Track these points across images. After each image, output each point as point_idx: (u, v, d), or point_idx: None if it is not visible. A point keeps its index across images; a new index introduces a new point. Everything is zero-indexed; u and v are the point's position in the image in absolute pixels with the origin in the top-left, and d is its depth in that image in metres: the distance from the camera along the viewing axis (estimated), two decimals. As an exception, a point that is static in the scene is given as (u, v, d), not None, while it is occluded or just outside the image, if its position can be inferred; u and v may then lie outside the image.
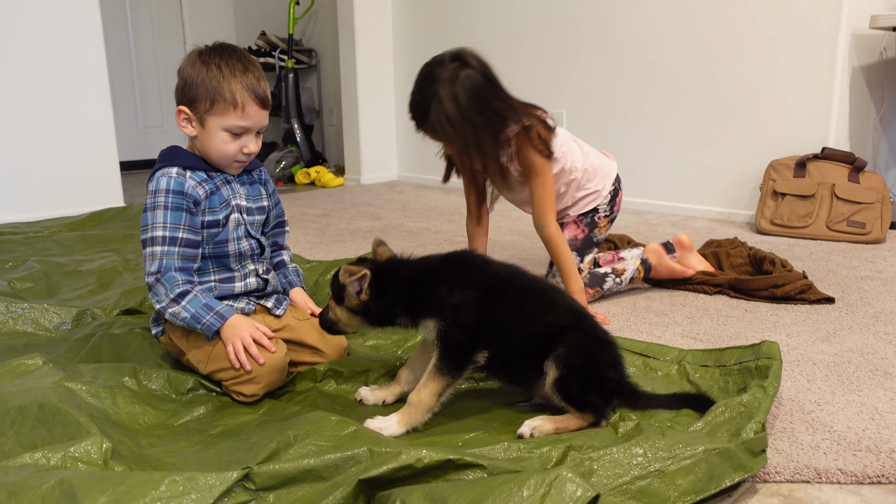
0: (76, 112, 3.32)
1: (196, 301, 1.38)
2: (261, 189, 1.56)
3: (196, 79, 1.39)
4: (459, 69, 1.75)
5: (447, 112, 1.74)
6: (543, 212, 1.90)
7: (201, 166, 1.44)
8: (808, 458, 1.18)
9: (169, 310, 1.38)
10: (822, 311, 1.96)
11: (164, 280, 1.37)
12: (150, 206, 1.40)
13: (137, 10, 5.32)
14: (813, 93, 2.98)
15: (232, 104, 1.38)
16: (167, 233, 1.38)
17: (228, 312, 1.39)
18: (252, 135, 1.44)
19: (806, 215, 2.87)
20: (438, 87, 1.74)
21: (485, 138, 1.80)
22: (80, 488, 0.92)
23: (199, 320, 1.37)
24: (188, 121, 1.42)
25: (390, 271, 1.32)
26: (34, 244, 2.70)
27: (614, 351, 1.29)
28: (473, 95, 1.75)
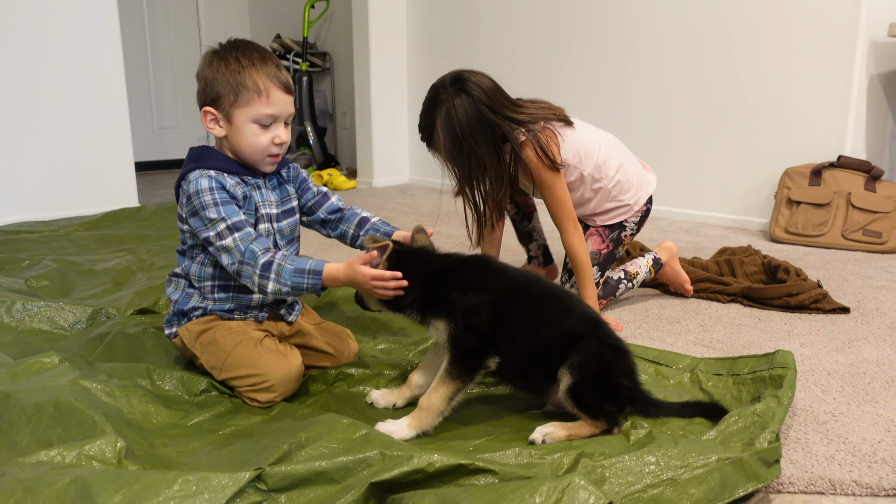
0: (93, 113, 3.35)
1: (286, 271, 1.30)
2: (289, 189, 1.52)
3: (216, 76, 1.36)
4: (456, 95, 1.76)
5: (444, 141, 1.79)
6: (559, 222, 1.89)
7: (234, 169, 1.41)
8: (822, 470, 1.17)
9: (268, 289, 1.31)
10: (837, 320, 1.94)
11: (246, 260, 1.31)
12: (201, 206, 1.34)
13: (154, 12, 5.37)
14: (829, 100, 2.96)
15: (256, 93, 1.35)
16: (231, 221, 1.33)
17: (319, 265, 1.31)
18: (281, 123, 1.40)
19: (821, 224, 2.85)
20: (436, 116, 1.79)
21: (486, 163, 1.81)
22: (95, 486, 0.93)
23: (301, 288, 1.31)
24: (215, 121, 1.39)
25: (411, 260, 1.31)
26: (50, 243, 2.72)
27: (628, 359, 1.29)
28: (469, 123, 1.77)
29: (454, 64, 2.05)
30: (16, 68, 3.11)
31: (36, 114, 3.19)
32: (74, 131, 3.30)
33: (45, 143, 3.22)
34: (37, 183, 3.22)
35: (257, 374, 1.36)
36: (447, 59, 4.37)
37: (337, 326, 1.60)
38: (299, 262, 1.32)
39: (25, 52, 3.13)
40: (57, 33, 3.20)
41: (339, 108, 5.29)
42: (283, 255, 1.33)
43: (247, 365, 1.37)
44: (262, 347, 1.39)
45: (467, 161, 1.81)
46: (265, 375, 1.36)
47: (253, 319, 1.47)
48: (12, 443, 1.15)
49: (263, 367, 1.36)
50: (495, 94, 1.81)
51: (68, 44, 3.24)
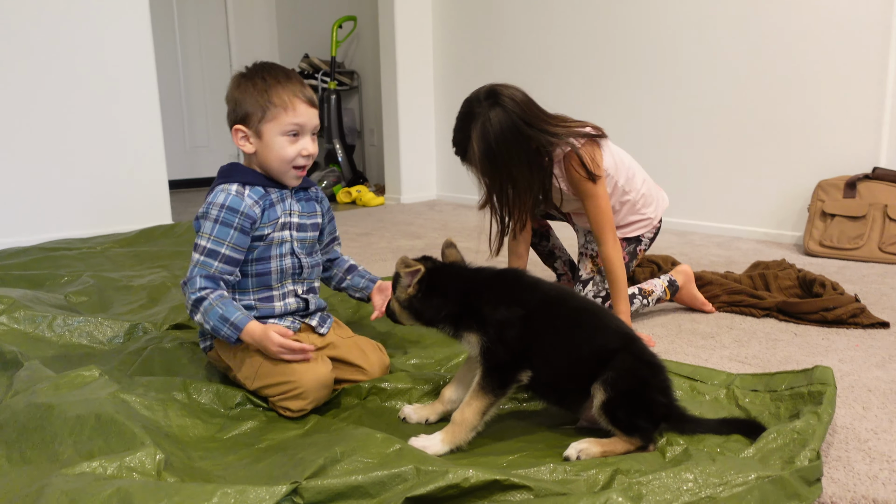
0: (129, 134, 3.44)
1: (213, 312, 1.39)
2: (316, 206, 1.60)
3: (244, 96, 1.45)
4: (491, 108, 1.77)
5: (479, 155, 1.79)
6: (601, 230, 1.90)
7: (259, 182, 1.48)
8: (865, 489, 1.14)
9: (195, 317, 1.43)
10: (877, 335, 1.90)
11: (188, 285, 1.42)
12: (202, 215, 1.45)
13: (186, 33, 5.50)
14: (863, 111, 2.91)
15: (282, 108, 1.43)
16: (210, 245, 1.42)
17: (243, 322, 1.40)
18: (308, 136, 1.48)
19: (857, 237, 2.80)
20: (471, 129, 1.79)
21: (519, 175, 1.82)
22: (136, 497, 0.95)
23: (219, 332, 1.41)
24: (245, 138, 1.47)
25: (444, 276, 1.33)
26: (88, 259, 2.79)
27: (663, 374, 1.27)
28: (504, 136, 1.77)
29: (480, 81, 2.07)
30: (53, 91, 3.21)
31: (74, 135, 3.28)
32: (111, 151, 3.39)
33: (81, 163, 3.31)
34: (75, 201, 3.31)
35: (288, 382, 1.38)
36: (473, 77, 4.40)
37: (369, 340, 1.62)
38: (228, 311, 1.40)
39: (62, 75, 3.23)
40: (93, 56, 3.30)
41: (367, 125, 5.35)
42: (219, 296, 1.41)
43: (279, 373, 1.40)
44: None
45: (501, 174, 1.82)
46: (296, 382, 1.38)
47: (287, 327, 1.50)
48: (55, 454, 1.17)
49: (295, 374, 1.38)
50: (529, 106, 1.82)
51: (104, 66, 3.34)
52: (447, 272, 1.34)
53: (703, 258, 2.87)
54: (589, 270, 2.06)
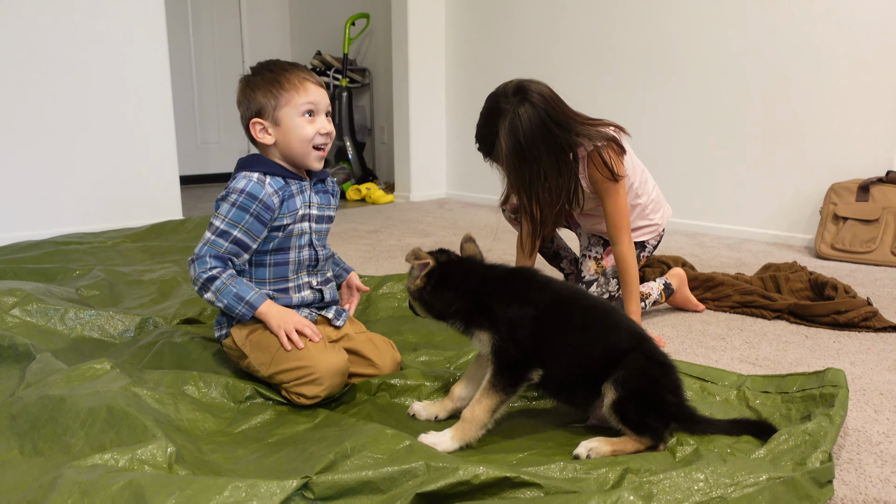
0: (140, 130, 3.45)
1: (227, 291, 1.43)
2: (331, 199, 1.62)
3: (254, 92, 1.48)
4: (520, 104, 1.74)
5: (507, 151, 1.76)
6: (617, 229, 1.88)
7: (280, 172, 1.49)
8: (877, 492, 1.14)
9: (204, 295, 1.44)
10: (889, 339, 1.89)
11: (196, 263, 1.44)
12: (222, 198, 1.46)
13: (199, 30, 5.52)
14: (876, 114, 2.89)
15: (294, 90, 1.46)
16: (222, 225, 1.44)
17: (259, 301, 1.44)
18: (322, 115, 1.50)
19: (869, 240, 2.78)
20: (500, 125, 1.75)
21: (547, 172, 1.79)
22: (148, 490, 0.95)
23: (233, 310, 1.44)
24: (265, 130, 1.49)
25: (456, 270, 1.33)
26: (99, 254, 2.80)
27: (674, 374, 1.27)
28: (532, 132, 1.74)
29: (492, 79, 2.06)
30: (68, 88, 3.23)
31: (87, 131, 3.30)
32: (123, 147, 3.40)
33: (94, 158, 3.33)
34: (87, 196, 3.33)
35: (305, 367, 1.39)
36: (485, 75, 4.40)
37: (380, 337, 1.62)
38: (242, 290, 1.44)
39: (77, 72, 3.25)
40: (107, 54, 3.32)
41: (378, 123, 5.35)
42: (231, 275, 1.44)
43: (295, 358, 1.41)
44: (308, 342, 1.43)
45: (528, 171, 1.79)
46: (312, 367, 1.39)
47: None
48: (67, 446, 1.18)
49: (311, 359, 1.40)
50: (557, 103, 1.81)
51: (117, 62, 3.35)
52: (460, 267, 1.34)
53: (713, 259, 2.85)
54: (593, 272, 2.05)
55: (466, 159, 4.60)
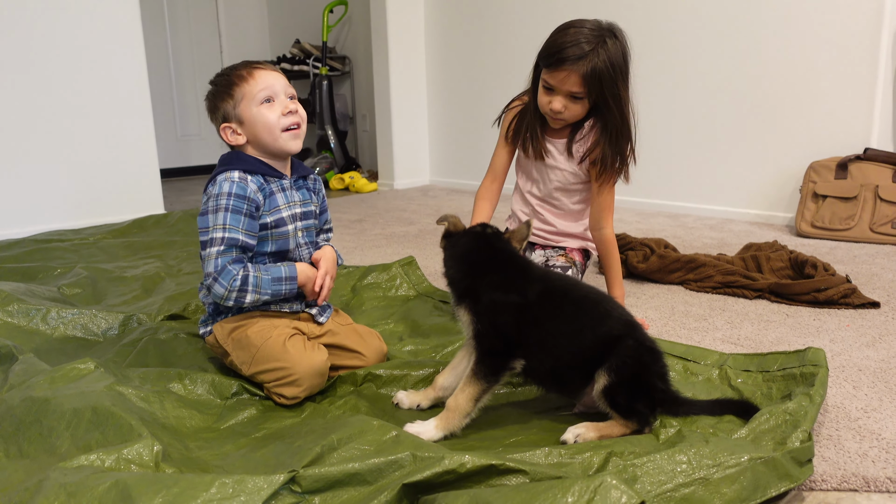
0: (119, 123, 3.41)
1: (264, 282, 1.42)
2: (313, 196, 1.61)
3: (215, 101, 1.49)
4: (614, 38, 1.75)
5: (611, 64, 1.72)
6: (605, 215, 1.90)
7: (260, 169, 1.48)
8: (855, 467, 1.16)
9: (244, 301, 1.41)
10: (867, 315, 1.92)
11: (221, 279, 1.39)
12: (212, 209, 1.42)
13: (175, 20, 5.45)
14: (854, 92, 2.92)
15: (243, 82, 1.45)
16: (226, 234, 1.40)
17: (293, 271, 1.47)
18: (282, 97, 1.47)
19: (848, 217, 2.81)
20: (607, 38, 1.72)
21: (620, 112, 1.79)
22: (135, 489, 0.95)
23: (280, 294, 1.45)
24: (234, 131, 1.48)
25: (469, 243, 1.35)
26: (80, 251, 2.78)
27: (662, 360, 1.29)
28: (626, 70, 1.77)
29: (473, 65, 2.04)
30: (41, 82, 3.18)
31: (64, 125, 3.25)
32: (101, 142, 3.36)
33: (73, 154, 3.29)
34: (66, 192, 3.29)
35: (284, 368, 1.39)
36: (465, 61, 4.38)
37: (365, 328, 1.63)
38: (274, 271, 1.45)
39: (49, 65, 3.20)
40: (81, 45, 3.26)
41: (360, 111, 5.32)
42: (255, 266, 1.44)
43: (275, 358, 1.41)
44: (289, 343, 1.43)
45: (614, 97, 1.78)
46: (291, 369, 1.39)
47: (288, 311, 1.52)
48: (52, 447, 1.18)
49: (289, 360, 1.39)
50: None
51: (93, 55, 3.30)
52: (474, 240, 1.36)
53: (695, 240, 2.88)
54: (564, 261, 2.05)
55: (449, 145, 4.59)
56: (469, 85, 4.40)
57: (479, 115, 4.32)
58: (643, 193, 3.66)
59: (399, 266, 2.23)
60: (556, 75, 1.74)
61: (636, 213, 3.54)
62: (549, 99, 1.79)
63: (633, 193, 3.69)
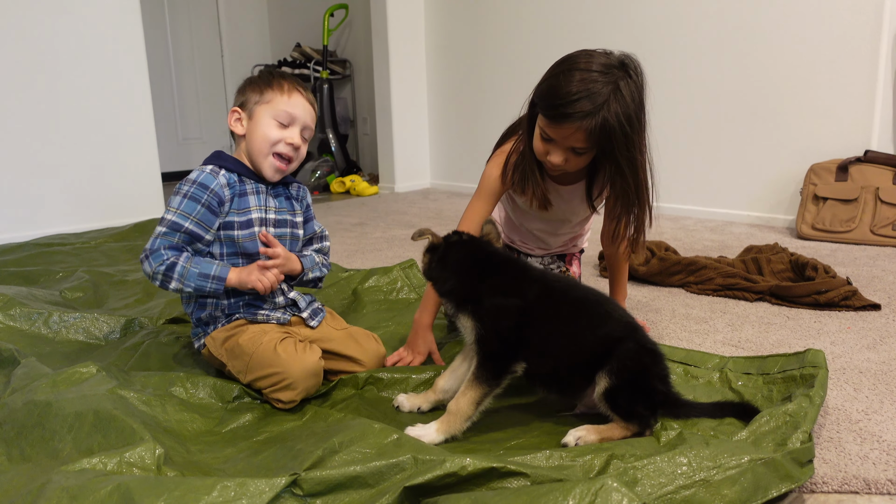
0: (120, 127, 3.42)
1: (190, 273, 1.41)
2: (294, 205, 1.58)
3: (248, 87, 1.51)
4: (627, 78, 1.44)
5: (624, 118, 1.41)
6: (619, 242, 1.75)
7: (237, 169, 1.49)
8: (856, 469, 1.16)
9: (168, 286, 1.42)
10: (868, 317, 1.92)
11: (151, 258, 1.41)
12: (174, 193, 1.46)
13: (176, 24, 5.46)
14: (854, 95, 2.92)
15: (279, 92, 1.47)
16: (174, 217, 1.43)
17: (224, 272, 1.44)
18: (297, 128, 1.49)
19: (849, 220, 2.82)
20: (620, 82, 1.41)
21: (634, 176, 1.55)
22: (137, 493, 0.95)
23: (203, 289, 1.43)
24: (239, 120, 1.50)
25: (459, 251, 1.34)
26: (82, 255, 2.78)
27: (663, 363, 1.29)
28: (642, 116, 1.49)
29: (473, 67, 2.04)
30: (43, 85, 3.19)
31: (64, 129, 3.26)
32: (102, 145, 3.37)
33: (74, 158, 3.30)
34: (68, 197, 3.30)
35: (277, 373, 1.39)
36: (466, 63, 4.39)
37: (363, 331, 1.62)
38: (204, 267, 1.43)
39: (51, 68, 3.21)
40: (82, 48, 3.27)
41: (360, 114, 5.33)
42: (187, 258, 1.43)
43: (268, 364, 1.40)
44: (280, 347, 1.42)
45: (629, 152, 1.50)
46: (284, 373, 1.38)
47: (276, 322, 1.51)
48: (55, 451, 1.18)
49: (282, 365, 1.39)
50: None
51: (94, 58, 3.31)
52: (463, 248, 1.35)
53: (696, 243, 2.88)
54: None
55: (450, 149, 4.60)
56: (469, 88, 4.41)
57: (479, 117, 4.33)
58: (644, 196, 3.66)
59: (400, 269, 2.23)
60: (558, 130, 1.45)
61: (637, 215, 3.54)
62: (547, 149, 1.51)
63: (633, 196, 3.70)
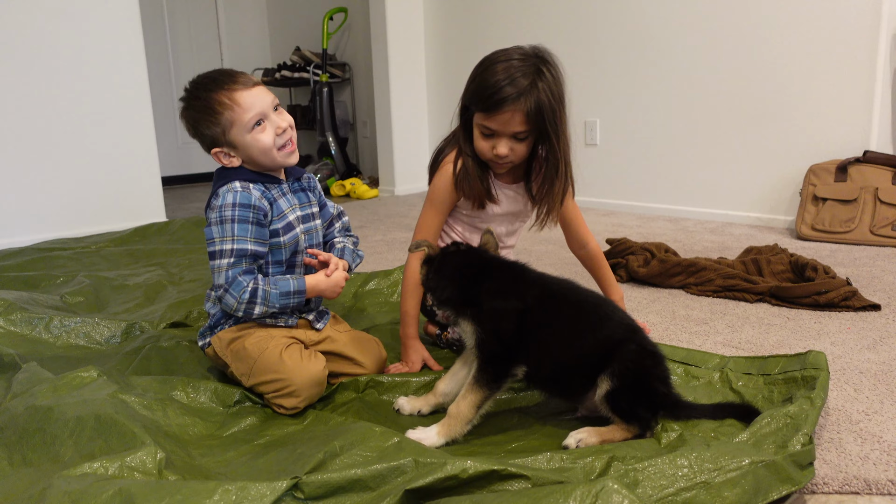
0: (120, 131, 3.43)
1: (273, 296, 1.42)
2: (309, 196, 1.59)
3: (197, 123, 1.44)
4: (545, 63, 1.55)
5: (552, 95, 1.51)
6: (583, 229, 1.81)
7: (258, 179, 1.47)
8: (857, 469, 1.16)
9: (253, 312, 1.42)
10: (868, 318, 1.92)
11: (231, 290, 1.40)
12: (217, 220, 1.41)
13: (176, 29, 5.47)
14: (853, 95, 2.92)
15: (228, 110, 1.40)
16: (235, 245, 1.40)
17: (302, 284, 1.46)
18: (271, 114, 1.43)
19: (848, 220, 2.82)
20: (541, 66, 1.52)
21: (562, 146, 1.59)
22: (138, 497, 0.96)
23: (287, 307, 1.46)
24: (227, 155, 1.46)
25: (454, 259, 1.34)
26: (83, 259, 2.79)
27: (664, 364, 1.29)
28: (563, 94, 1.56)
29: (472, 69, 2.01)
30: (42, 90, 3.20)
31: (65, 134, 3.27)
32: (102, 150, 3.38)
33: (74, 162, 3.31)
34: (68, 201, 3.30)
35: (281, 380, 1.39)
36: (465, 66, 4.38)
37: (366, 335, 1.63)
38: (283, 285, 1.44)
39: (50, 73, 3.21)
40: (81, 53, 3.28)
41: (360, 117, 5.33)
42: (264, 280, 1.43)
43: (272, 370, 1.40)
44: (286, 353, 1.42)
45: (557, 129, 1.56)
46: (288, 381, 1.38)
47: (283, 325, 1.51)
48: (56, 455, 1.18)
49: (287, 372, 1.39)
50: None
51: (94, 63, 3.32)
52: (459, 256, 1.35)
53: (696, 244, 2.88)
54: None
55: (450, 151, 4.60)
56: (469, 91, 4.42)
57: (479, 120, 4.33)
58: (643, 197, 3.66)
59: (400, 272, 2.24)
60: (497, 118, 1.52)
61: (636, 217, 3.54)
62: (492, 144, 1.56)
63: (633, 197, 3.70)
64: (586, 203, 3.75)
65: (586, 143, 3.79)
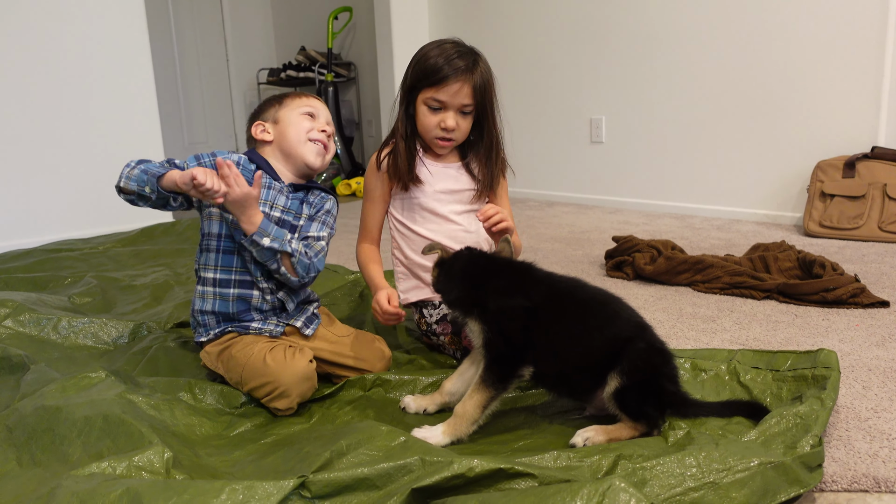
0: (126, 132, 3.44)
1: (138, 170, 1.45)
2: (303, 209, 1.55)
3: (264, 104, 1.61)
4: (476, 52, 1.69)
5: (490, 77, 1.67)
6: (509, 209, 1.79)
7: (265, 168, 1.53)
8: (866, 467, 1.15)
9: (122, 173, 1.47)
10: (877, 315, 1.91)
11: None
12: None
13: (181, 28, 5.49)
14: (861, 91, 2.91)
15: (295, 97, 1.58)
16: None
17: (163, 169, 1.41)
18: (323, 119, 1.58)
19: (856, 216, 2.80)
20: (477, 55, 1.67)
21: (497, 127, 1.70)
22: (146, 496, 0.96)
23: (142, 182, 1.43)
24: (264, 130, 1.56)
25: (463, 261, 1.35)
26: (90, 260, 2.80)
27: (673, 362, 1.28)
28: (493, 80, 1.70)
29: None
30: (49, 91, 3.21)
31: (70, 134, 3.28)
32: (109, 150, 3.39)
33: (81, 163, 3.32)
34: (75, 201, 3.32)
35: (269, 382, 1.39)
36: (470, 65, 4.39)
37: (368, 334, 1.63)
38: (156, 169, 1.43)
39: (57, 74, 3.23)
40: (88, 53, 3.30)
41: (365, 116, 5.34)
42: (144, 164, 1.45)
43: (259, 374, 1.40)
44: (269, 356, 1.42)
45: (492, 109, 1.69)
46: (275, 382, 1.38)
47: (268, 336, 1.50)
48: (64, 455, 1.19)
49: (272, 374, 1.38)
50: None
51: (99, 63, 3.33)
52: (467, 258, 1.36)
53: (703, 241, 2.87)
54: None
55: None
56: (474, 89, 4.41)
57: (484, 119, 4.33)
58: (650, 195, 3.65)
59: (406, 271, 2.23)
60: (447, 90, 1.61)
61: (643, 214, 3.53)
62: (441, 118, 1.64)
63: (639, 195, 3.69)
64: (592, 200, 3.75)
65: (592, 140, 3.78)
